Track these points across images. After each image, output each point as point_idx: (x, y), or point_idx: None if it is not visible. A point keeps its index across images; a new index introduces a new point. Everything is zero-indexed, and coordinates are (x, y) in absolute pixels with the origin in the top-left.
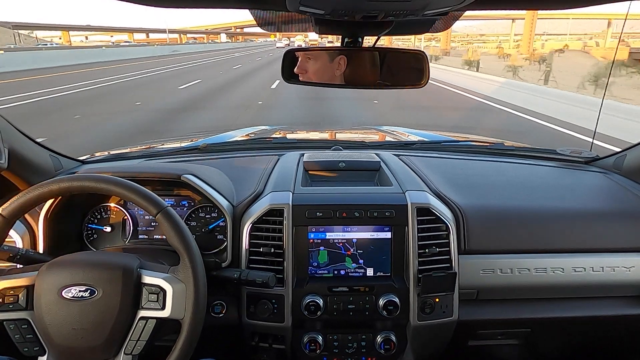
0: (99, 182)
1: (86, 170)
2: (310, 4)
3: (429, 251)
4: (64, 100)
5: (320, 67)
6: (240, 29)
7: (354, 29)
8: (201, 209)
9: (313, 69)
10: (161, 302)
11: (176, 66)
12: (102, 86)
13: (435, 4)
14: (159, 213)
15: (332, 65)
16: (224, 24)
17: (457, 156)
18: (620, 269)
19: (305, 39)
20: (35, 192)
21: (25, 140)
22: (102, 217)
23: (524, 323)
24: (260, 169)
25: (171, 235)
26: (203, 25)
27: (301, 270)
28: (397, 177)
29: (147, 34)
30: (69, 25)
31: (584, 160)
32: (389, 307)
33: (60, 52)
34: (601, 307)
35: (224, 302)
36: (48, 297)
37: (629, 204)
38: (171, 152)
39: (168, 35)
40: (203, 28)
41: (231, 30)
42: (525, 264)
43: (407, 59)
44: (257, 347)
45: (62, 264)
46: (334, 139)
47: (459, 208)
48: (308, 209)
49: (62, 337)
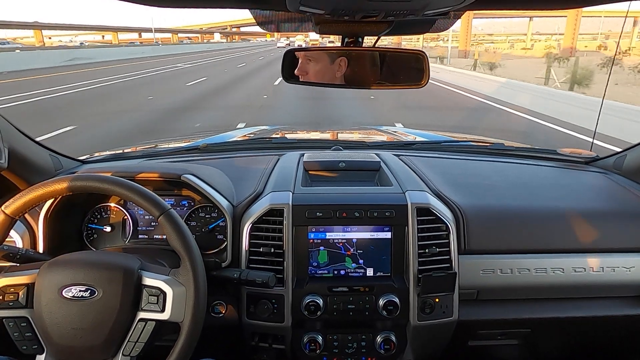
0: (102, 182)
1: (86, 170)
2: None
3: (429, 251)
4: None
5: (321, 69)
6: (236, 28)
7: (354, 29)
8: (201, 209)
9: (314, 71)
10: (161, 305)
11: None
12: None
13: (436, 3)
14: (161, 215)
15: (332, 66)
16: (219, 23)
17: (457, 156)
18: (620, 269)
19: (306, 38)
20: (38, 190)
21: (25, 139)
22: (102, 217)
23: (524, 323)
24: (260, 169)
25: (173, 237)
26: (198, 25)
27: (301, 270)
28: (397, 177)
29: (140, 33)
30: (38, 24)
31: (584, 161)
32: (389, 307)
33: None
34: (601, 307)
35: (223, 302)
36: (48, 295)
37: (629, 204)
38: (171, 152)
39: (155, 35)
40: (197, 27)
41: (227, 29)
42: (525, 264)
43: (408, 59)
44: (257, 347)
45: (63, 263)
46: (334, 139)
47: (459, 208)
48: (308, 209)
49: (61, 336)
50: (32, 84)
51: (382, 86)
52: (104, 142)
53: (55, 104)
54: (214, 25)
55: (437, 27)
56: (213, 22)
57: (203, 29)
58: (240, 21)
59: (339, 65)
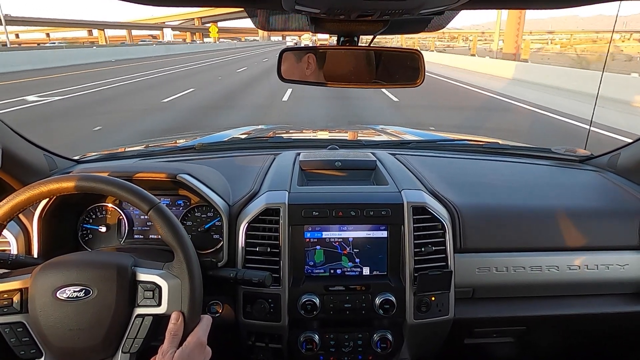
0: (89, 181)
1: (81, 169)
2: (306, 3)
3: (424, 250)
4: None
5: (317, 66)
6: (213, 23)
7: (350, 28)
8: (197, 209)
9: (310, 68)
10: (157, 299)
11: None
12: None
13: (431, 3)
14: (151, 210)
15: (329, 63)
16: (181, 15)
17: (452, 155)
18: (615, 266)
19: (313, 37)
20: (25, 194)
21: (19, 140)
22: (98, 217)
23: (520, 321)
24: (256, 168)
25: (164, 231)
26: (159, 17)
27: (297, 270)
28: (393, 176)
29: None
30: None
31: (578, 159)
32: (385, 305)
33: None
34: (595, 304)
35: (220, 301)
36: (42, 299)
37: (623, 202)
38: (167, 151)
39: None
40: (154, 21)
41: (194, 24)
42: (521, 262)
43: (403, 58)
44: (254, 346)
45: (55, 265)
46: (330, 138)
47: (454, 207)
48: (304, 208)
49: (58, 338)
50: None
51: (378, 85)
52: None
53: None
54: (177, 17)
55: (433, 26)
56: (184, 13)
57: (158, 24)
58: (210, 14)
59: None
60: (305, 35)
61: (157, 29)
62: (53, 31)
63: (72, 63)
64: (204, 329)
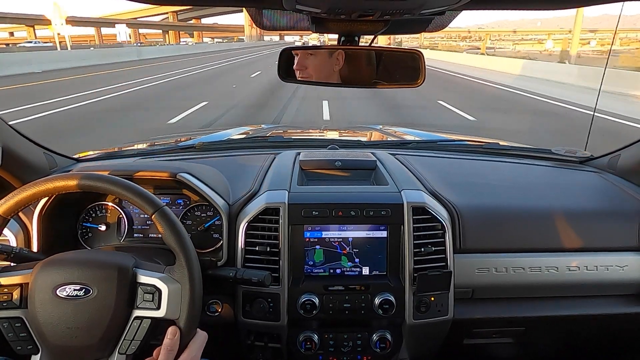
0: (96, 180)
1: (80, 168)
2: (307, 3)
3: (424, 250)
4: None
5: (319, 64)
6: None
7: (351, 28)
8: (197, 208)
9: (312, 65)
10: (156, 302)
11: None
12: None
13: (432, 3)
14: (155, 212)
15: (330, 61)
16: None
17: (452, 155)
18: (614, 267)
19: (321, 37)
20: (31, 190)
21: (19, 138)
22: (97, 216)
23: (519, 322)
24: (256, 167)
25: (167, 235)
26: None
27: (297, 269)
28: (393, 176)
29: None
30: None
31: (578, 160)
32: (385, 305)
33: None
34: (595, 305)
35: (219, 301)
36: (42, 295)
37: (623, 204)
38: (167, 150)
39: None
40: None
41: (169, 21)
42: (520, 263)
43: (404, 59)
44: (253, 345)
45: (57, 263)
46: (330, 137)
47: (454, 207)
48: (304, 208)
49: (56, 336)
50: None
51: (379, 85)
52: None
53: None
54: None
55: (434, 26)
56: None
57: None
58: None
59: (337, 59)
60: (313, 35)
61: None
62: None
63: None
64: (199, 345)
